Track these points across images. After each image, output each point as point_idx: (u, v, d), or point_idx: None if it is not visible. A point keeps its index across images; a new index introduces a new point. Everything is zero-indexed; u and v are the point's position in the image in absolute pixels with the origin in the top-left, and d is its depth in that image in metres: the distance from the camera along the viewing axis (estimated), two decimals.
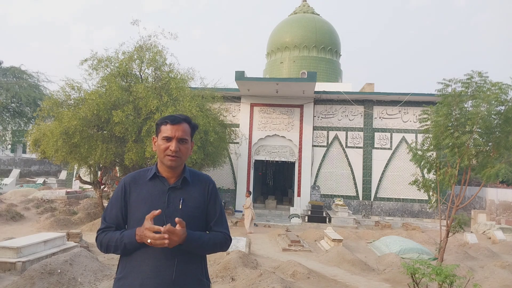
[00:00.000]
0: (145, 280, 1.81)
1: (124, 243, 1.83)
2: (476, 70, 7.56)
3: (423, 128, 8.66)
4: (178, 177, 1.99)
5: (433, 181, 8.41)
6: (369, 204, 18.10)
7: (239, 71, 16.21)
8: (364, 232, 13.68)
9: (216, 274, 6.75)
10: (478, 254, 10.45)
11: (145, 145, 11.40)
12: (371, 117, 18.45)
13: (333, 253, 9.05)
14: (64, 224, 11.96)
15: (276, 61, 25.76)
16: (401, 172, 17.77)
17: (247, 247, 9.56)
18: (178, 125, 1.93)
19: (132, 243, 1.81)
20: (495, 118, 7.53)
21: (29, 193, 18.57)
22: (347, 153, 18.41)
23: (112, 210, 1.97)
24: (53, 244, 7.60)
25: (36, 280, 5.39)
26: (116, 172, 16.21)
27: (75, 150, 11.63)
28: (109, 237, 1.88)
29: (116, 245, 1.85)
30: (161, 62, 12.89)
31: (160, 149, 1.93)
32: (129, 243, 1.82)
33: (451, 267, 4.87)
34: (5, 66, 21.04)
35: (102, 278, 6.27)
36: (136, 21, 12.74)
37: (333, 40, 25.48)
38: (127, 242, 1.82)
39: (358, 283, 7.14)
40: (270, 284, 5.68)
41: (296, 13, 27.00)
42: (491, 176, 7.18)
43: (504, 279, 7.06)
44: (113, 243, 1.86)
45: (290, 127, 18.48)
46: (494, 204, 17.90)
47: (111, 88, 11.68)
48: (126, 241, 1.83)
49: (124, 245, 1.83)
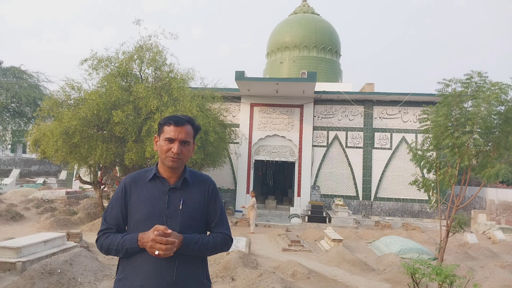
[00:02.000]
0: (146, 281, 1.81)
1: (125, 248, 1.83)
2: (476, 70, 7.56)
3: (423, 128, 8.66)
4: (178, 177, 1.98)
5: (433, 181, 8.40)
6: (369, 204, 18.10)
7: (239, 71, 16.21)
8: (364, 232, 13.69)
9: (216, 274, 6.75)
10: (478, 254, 10.45)
11: (145, 145, 11.40)
12: (371, 117, 18.45)
13: (333, 253, 9.05)
14: (64, 224, 11.96)
15: (276, 61, 25.77)
16: (401, 172, 17.77)
17: (247, 247, 9.56)
18: (182, 127, 1.92)
19: (134, 249, 1.81)
20: (495, 118, 7.52)
21: (29, 193, 18.59)
22: (347, 153, 18.42)
23: (113, 211, 1.96)
24: (53, 244, 7.59)
25: (36, 280, 5.39)
26: (116, 172, 16.21)
27: (75, 150, 11.62)
28: (110, 241, 1.88)
29: (118, 249, 1.85)
30: (161, 62, 12.89)
31: (162, 149, 1.92)
32: (130, 248, 1.82)
33: (451, 267, 4.88)
34: (5, 66, 21.03)
35: (102, 278, 6.27)
36: (139, 20, 12.77)
37: (333, 40, 25.48)
38: (129, 247, 1.82)
39: (358, 283, 7.14)
40: (270, 284, 5.68)
41: (296, 13, 27.00)
42: (491, 176, 7.18)
43: (504, 279, 7.06)
44: (114, 247, 1.85)
45: (290, 127, 18.49)
46: (494, 204, 17.90)
47: (111, 88, 11.67)
48: (128, 246, 1.82)
49: (125, 250, 1.83)
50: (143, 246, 1.78)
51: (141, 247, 1.79)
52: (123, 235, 1.88)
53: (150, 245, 1.75)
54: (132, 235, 1.84)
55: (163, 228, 1.75)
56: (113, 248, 1.86)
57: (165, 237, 1.74)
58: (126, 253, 1.84)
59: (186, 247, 1.82)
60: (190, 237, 1.86)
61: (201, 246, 1.89)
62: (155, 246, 1.73)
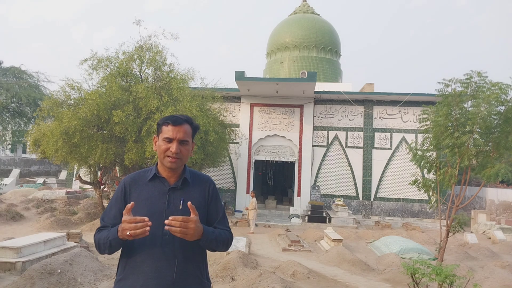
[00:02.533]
0: (146, 281, 1.80)
1: (109, 240, 1.80)
2: (476, 70, 7.56)
3: (423, 128, 8.66)
4: (178, 177, 1.98)
5: (433, 181, 8.40)
6: (369, 204, 18.10)
7: (239, 71, 16.21)
8: (364, 232, 13.69)
9: (216, 274, 6.75)
10: (478, 254, 10.45)
11: (145, 145, 11.39)
12: (371, 117, 18.45)
13: (333, 253, 9.05)
14: (64, 224, 11.96)
15: (276, 61, 25.77)
16: (401, 172, 17.77)
17: (247, 247, 9.56)
18: (180, 127, 1.92)
19: (116, 239, 1.77)
20: (495, 118, 7.52)
21: (29, 193, 18.58)
22: (347, 153, 18.42)
23: (111, 210, 1.96)
24: (53, 244, 7.59)
25: (36, 280, 5.39)
26: (116, 172, 16.21)
27: (75, 150, 11.62)
28: (99, 236, 1.87)
29: (104, 242, 1.82)
30: (161, 62, 12.89)
31: (160, 149, 1.92)
32: (113, 240, 1.79)
33: (451, 267, 4.88)
34: (5, 66, 21.03)
35: (102, 278, 6.27)
36: (139, 21, 12.75)
37: (333, 40, 25.48)
38: (112, 239, 1.79)
39: (358, 283, 7.14)
40: (270, 284, 5.68)
41: (296, 13, 27.00)
42: (491, 176, 7.18)
43: (504, 279, 7.06)
44: (102, 241, 1.84)
45: (290, 127, 18.49)
46: (494, 204, 17.90)
47: (111, 88, 11.67)
48: (111, 238, 1.79)
49: (109, 242, 1.80)
50: (122, 235, 1.73)
51: (121, 237, 1.75)
52: (108, 229, 1.86)
53: (122, 227, 1.72)
54: (115, 227, 1.81)
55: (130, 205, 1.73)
56: (101, 242, 1.84)
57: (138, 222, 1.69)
58: (110, 246, 1.81)
59: (206, 234, 1.82)
60: (207, 227, 1.87)
61: (217, 237, 1.91)
62: (125, 227, 1.69)
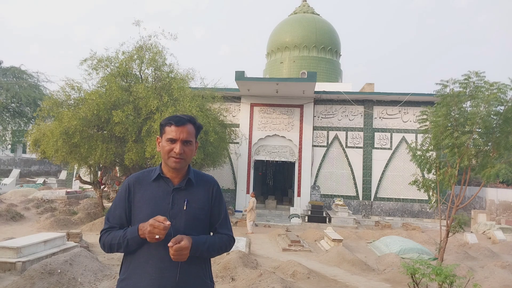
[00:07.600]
0: (149, 282, 1.81)
1: (127, 239, 1.81)
2: (474, 70, 7.58)
3: (423, 128, 8.67)
4: (182, 178, 1.97)
5: (433, 181, 8.41)
6: (369, 204, 18.10)
7: (239, 71, 16.21)
8: (364, 232, 13.69)
9: (216, 274, 6.75)
10: (478, 254, 10.45)
11: (145, 145, 11.39)
12: (371, 117, 18.46)
13: (333, 253, 9.06)
14: (64, 224, 11.96)
15: (276, 61, 25.77)
16: (401, 172, 17.78)
17: (247, 247, 9.56)
18: (183, 127, 1.91)
19: (135, 239, 1.80)
20: (495, 118, 7.53)
21: (29, 193, 18.58)
22: (347, 153, 18.42)
23: (116, 210, 1.96)
24: (53, 244, 7.60)
25: (36, 280, 5.39)
26: (116, 172, 16.22)
27: (75, 150, 11.63)
28: (112, 236, 1.87)
29: (119, 242, 1.83)
30: (161, 62, 12.90)
31: (164, 150, 1.91)
32: (131, 239, 1.81)
33: (451, 267, 4.88)
34: (5, 66, 21.05)
35: (102, 278, 6.27)
36: (138, 21, 12.74)
37: (333, 40, 25.48)
38: (130, 238, 1.81)
39: (358, 283, 7.14)
40: (270, 284, 5.68)
41: (296, 13, 27.00)
42: (491, 176, 7.18)
43: (504, 279, 7.07)
44: (116, 241, 1.85)
45: (290, 127, 18.49)
46: (494, 204, 17.91)
47: (111, 88, 11.68)
48: (129, 237, 1.81)
49: (127, 241, 1.82)
50: (143, 235, 1.76)
51: (141, 236, 1.77)
52: (125, 229, 1.88)
53: (149, 230, 1.73)
54: (133, 227, 1.84)
55: (163, 218, 1.74)
56: (115, 242, 1.85)
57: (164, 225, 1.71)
58: (127, 246, 1.83)
59: (195, 248, 1.81)
60: (198, 238, 1.85)
61: (209, 247, 1.90)
62: (154, 231, 1.71)
